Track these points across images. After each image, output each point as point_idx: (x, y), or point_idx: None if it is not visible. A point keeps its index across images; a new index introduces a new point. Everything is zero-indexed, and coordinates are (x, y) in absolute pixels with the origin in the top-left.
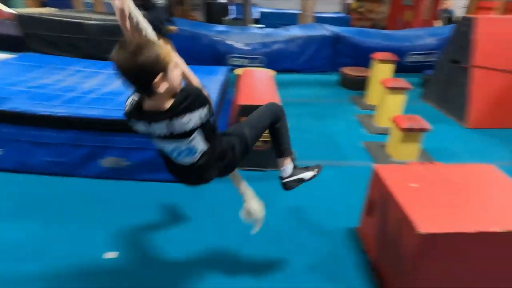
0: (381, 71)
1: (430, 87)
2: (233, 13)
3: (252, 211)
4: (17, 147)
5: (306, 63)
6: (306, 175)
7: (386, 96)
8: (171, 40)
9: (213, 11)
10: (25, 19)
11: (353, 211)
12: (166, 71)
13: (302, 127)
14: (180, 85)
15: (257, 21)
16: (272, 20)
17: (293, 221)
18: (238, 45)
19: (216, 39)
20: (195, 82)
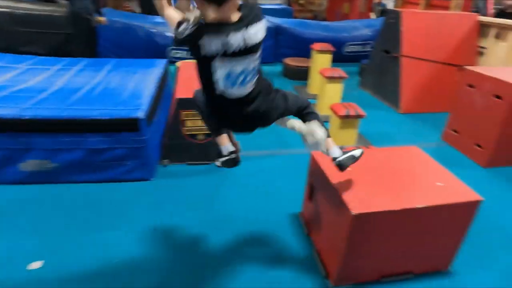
0: (320, 61)
1: (366, 76)
2: (174, 4)
3: (312, 132)
4: None
5: None
6: (356, 152)
7: (325, 85)
8: (101, 32)
9: (151, 2)
10: None
11: (297, 197)
12: None
13: None
14: None
15: None
16: None
17: (239, 210)
18: None
19: (154, 31)
20: None
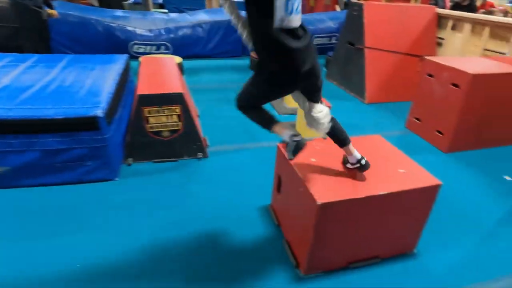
0: None
1: (332, 68)
2: None
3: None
4: None
5: (216, 48)
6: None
7: None
8: (54, 26)
9: None
10: None
11: (266, 189)
12: None
13: (215, 113)
14: None
15: (162, 6)
16: (178, 5)
17: (209, 206)
18: (140, 31)
19: (114, 25)
20: None
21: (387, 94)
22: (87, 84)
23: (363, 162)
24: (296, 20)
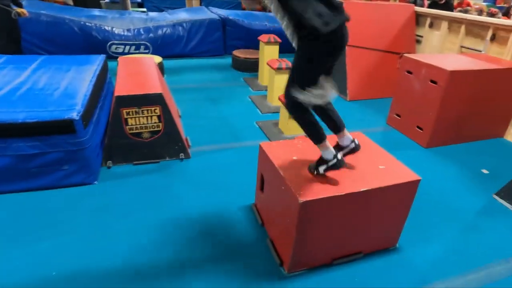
0: (268, 53)
1: None
2: None
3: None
4: None
5: (197, 47)
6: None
7: (274, 77)
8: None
9: None
10: None
11: (250, 189)
12: None
13: (198, 113)
14: None
15: (141, 5)
16: (158, 4)
17: (192, 207)
18: (118, 31)
19: (90, 25)
20: None
21: (369, 91)
22: (62, 86)
23: (339, 157)
24: None
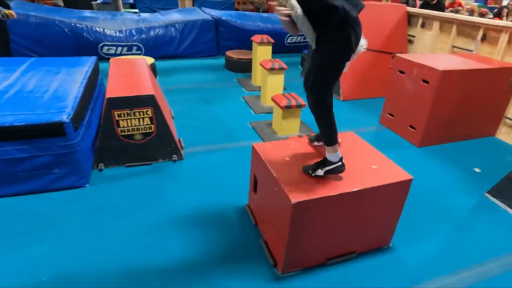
0: (261, 53)
1: (307, 65)
2: None
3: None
4: None
5: (190, 48)
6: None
7: (267, 77)
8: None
9: None
10: None
11: (244, 189)
12: None
13: (192, 114)
14: None
15: (133, 6)
16: (150, 5)
17: (186, 208)
18: (110, 32)
19: (81, 26)
20: None
21: (362, 91)
22: (52, 88)
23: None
24: None
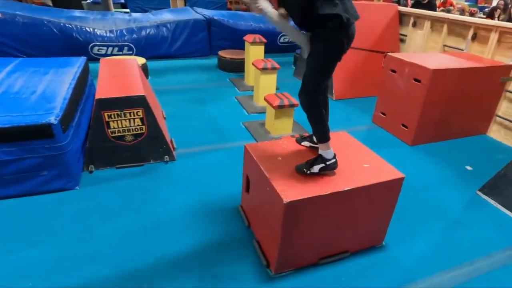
0: (254, 53)
1: (299, 65)
2: None
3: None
4: None
5: (182, 48)
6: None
7: (259, 77)
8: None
9: None
10: None
11: (237, 190)
12: None
13: (184, 114)
14: None
15: (124, 6)
16: (142, 5)
17: (178, 210)
18: (101, 32)
19: (70, 26)
20: None
21: (354, 90)
22: (39, 90)
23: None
24: None
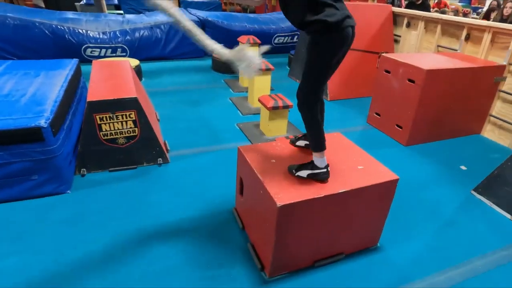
0: None
1: (294, 66)
2: None
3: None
4: None
5: (176, 50)
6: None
7: (254, 78)
8: None
9: None
10: None
11: (231, 192)
12: None
13: (178, 116)
14: None
15: (118, 7)
16: (136, 6)
17: (171, 213)
18: (94, 34)
19: (62, 28)
20: None
21: (349, 91)
22: (30, 92)
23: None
24: None
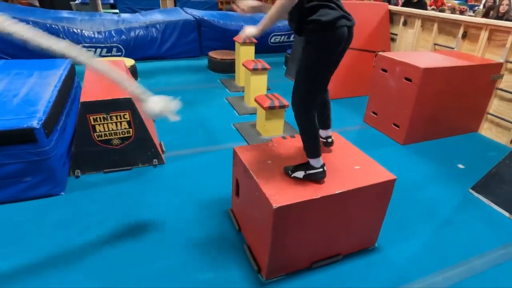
0: (244, 53)
1: (290, 65)
2: None
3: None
4: None
5: (172, 49)
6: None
7: (250, 77)
8: None
9: None
10: None
11: (227, 193)
12: None
13: None
14: None
15: (114, 6)
16: (131, 5)
17: (167, 214)
18: (88, 34)
19: (57, 27)
20: None
21: (345, 90)
22: (22, 93)
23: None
24: None
